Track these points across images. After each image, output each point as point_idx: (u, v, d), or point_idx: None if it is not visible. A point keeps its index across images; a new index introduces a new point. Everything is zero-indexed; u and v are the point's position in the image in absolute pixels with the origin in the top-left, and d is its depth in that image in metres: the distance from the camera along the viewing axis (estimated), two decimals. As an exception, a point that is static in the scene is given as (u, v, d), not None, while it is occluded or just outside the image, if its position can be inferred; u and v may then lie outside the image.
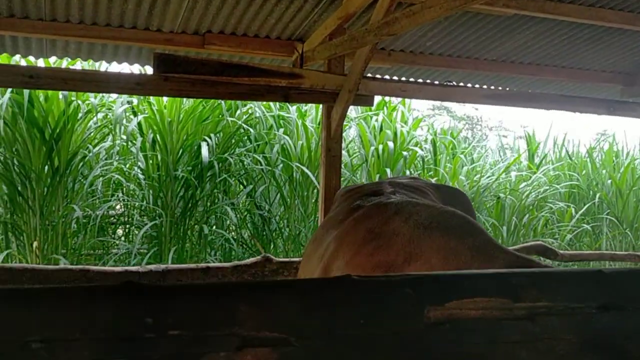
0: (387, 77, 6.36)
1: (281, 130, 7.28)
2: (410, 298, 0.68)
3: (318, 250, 2.59)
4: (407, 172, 7.58)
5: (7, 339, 0.53)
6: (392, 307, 0.67)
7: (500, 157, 10.50)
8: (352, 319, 0.65)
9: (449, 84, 5.49)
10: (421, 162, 8.07)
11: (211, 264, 4.39)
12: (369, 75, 5.55)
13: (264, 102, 7.20)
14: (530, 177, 8.82)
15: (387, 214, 2.31)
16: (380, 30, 3.82)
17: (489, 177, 8.55)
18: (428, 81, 6.34)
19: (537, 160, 9.63)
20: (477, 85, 6.68)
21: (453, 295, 0.70)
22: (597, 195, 9.07)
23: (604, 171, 9.40)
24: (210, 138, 6.69)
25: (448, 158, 8.63)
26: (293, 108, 7.43)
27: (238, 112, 7.18)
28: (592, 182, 9.37)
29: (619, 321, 0.76)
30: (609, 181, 9.22)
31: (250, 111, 7.28)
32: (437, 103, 22.40)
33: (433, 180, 7.34)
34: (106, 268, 4.11)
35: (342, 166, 5.84)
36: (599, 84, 6.66)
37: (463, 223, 2.06)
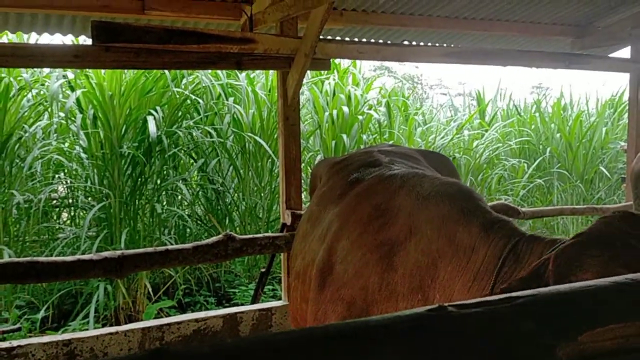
0: (338, 38, 6.14)
1: (231, 99, 6.97)
2: (534, 335, 0.49)
3: (316, 230, 2.42)
4: (363, 137, 7.43)
5: None
6: (515, 350, 0.49)
7: (451, 115, 10.48)
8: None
9: (405, 43, 5.32)
10: (376, 125, 7.94)
11: (170, 247, 4.13)
12: (322, 37, 5.32)
13: (211, 71, 6.85)
14: (483, 135, 8.85)
15: (392, 187, 2.17)
16: (337, -11, 3.59)
17: (443, 137, 8.52)
18: (383, 41, 6.17)
19: (487, 118, 9.67)
20: (429, 44, 6.55)
21: (583, 324, 0.52)
22: (548, 150, 9.20)
23: (552, 125, 9.53)
24: (156, 111, 6.31)
25: (401, 120, 8.53)
26: (242, 75, 7.12)
27: (184, 81, 6.81)
28: (542, 137, 9.49)
29: None
30: (559, 135, 9.36)
31: (197, 80, 6.92)
32: (378, 64, 22.25)
33: (389, 143, 7.23)
34: (57, 259, 3.79)
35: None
36: (550, 37, 6.65)
37: (458, 190, 1.95)
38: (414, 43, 6.55)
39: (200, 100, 6.87)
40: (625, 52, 6.88)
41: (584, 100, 10.42)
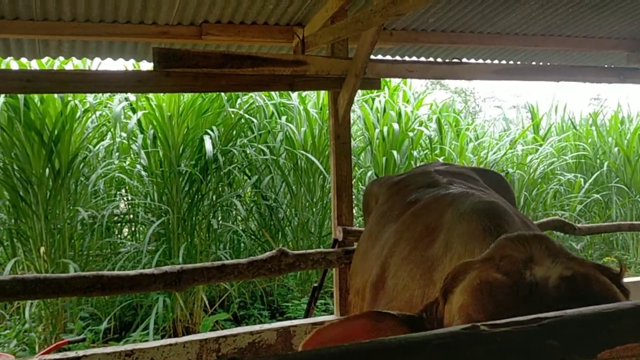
0: (389, 57, 6.22)
1: (283, 117, 7.15)
2: (557, 352, 0.57)
3: (375, 248, 2.51)
4: (414, 153, 7.46)
5: None
6: (538, 363, 0.57)
7: (504, 130, 10.37)
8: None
9: (455, 61, 5.36)
10: (427, 141, 7.96)
11: (226, 262, 4.28)
12: (372, 57, 5.41)
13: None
14: (537, 149, 8.72)
15: (442, 206, 2.23)
16: (386, 11, 3.68)
17: (495, 152, 8.45)
18: (432, 59, 6.21)
19: (541, 132, 9.53)
20: (481, 60, 6.55)
21: (603, 342, 0.59)
22: (605, 164, 8.98)
23: (609, 139, 9.30)
24: (212, 130, 6.56)
25: (453, 135, 8.51)
26: (294, 95, 7.30)
27: (239, 101, 7.05)
28: (599, 151, 9.28)
29: None
30: (616, 149, 9.13)
31: (250, 100, 7.14)
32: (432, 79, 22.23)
33: (441, 160, 7.24)
34: (120, 273, 4.00)
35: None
36: (605, 51, 6.53)
37: (488, 208, 1.98)
38: (464, 60, 6.56)
39: (254, 120, 7.08)
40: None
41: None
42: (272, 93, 7.21)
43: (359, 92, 7.86)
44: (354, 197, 5.21)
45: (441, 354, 0.55)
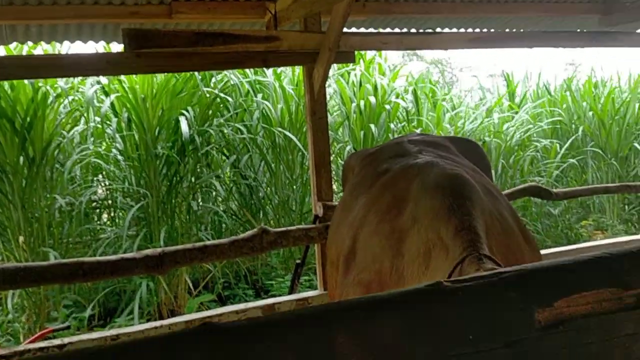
0: (362, 29, 6.19)
1: (259, 95, 7.10)
2: (516, 302, 0.59)
3: (348, 218, 2.54)
4: (391, 126, 7.47)
5: None
6: (499, 315, 0.58)
7: (480, 99, 10.42)
8: (459, 335, 0.56)
9: (428, 31, 5.35)
10: (404, 113, 7.97)
11: (208, 242, 4.27)
12: (346, 30, 5.38)
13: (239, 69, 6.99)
14: (513, 117, 8.79)
15: (410, 177, 2.26)
16: (357, -17, 3.65)
17: (472, 121, 8.50)
18: (406, 30, 6.19)
19: (517, 100, 9.59)
20: (455, 30, 6.54)
21: (559, 291, 0.61)
22: (580, 129, 9.09)
23: (584, 103, 9.40)
24: (187, 111, 6.49)
25: (429, 106, 8.54)
26: (269, 71, 7.24)
27: (213, 80, 6.97)
28: (574, 116, 9.38)
29: None
30: (591, 113, 9.23)
31: (225, 79, 7.07)
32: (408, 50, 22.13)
33: (418, 131, 7.26)
34: (101, 258, 3.97)
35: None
36: (577, 15, 6.57)
37: (452, 184, 2.01)
38: (438, 30, 6.55)
39: (230, 98, 7.02)
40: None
41: (616, 76, 10.23)
42: (247, 71, 7.14)
43: (335, 66, 7.83)
44: (333, 172, 5.21)
45: (406, 307, 0.57)
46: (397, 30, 6.26)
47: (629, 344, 0.62)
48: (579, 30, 6.76)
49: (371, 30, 6.17)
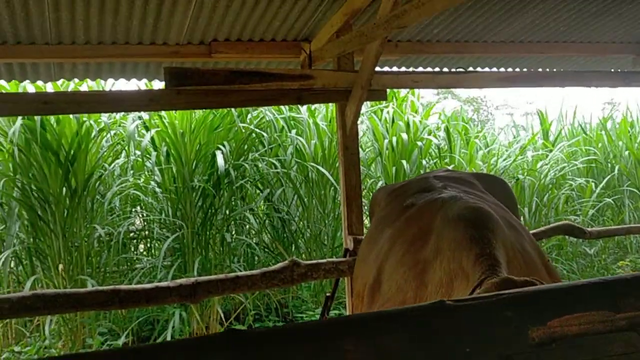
0: (395, 68, 6.32)
1: (293, 131, 7.27)
2: (512, 321, 0.66)
3: (373, 251, 2.60)
4: (423, 162, 7.53)
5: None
6: (495, 332, 0.65)
7: (514, 137, 10.40)
8: (458, 349, 0.63)
9: (459, 70, 5.45)
10: (436, 150, 8.03)
11: (240, 273, 4.37)
12: (379, 69, 5.51)
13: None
14: (547, 155, 8.75)
15: (434, 210, 2.32)
16: (389, 24, 3.77)
17: (505, 159, 8.49)
18: (438, 69, 6.30)
19: (551, 138, 9.55)
20: (486, 69, 6.62)
21: (553, 312, 0.68)
22: (616, 168, 8.98)
23: (620, 143, 9.30)
24: (223, 146, 6.68)
25: (462, 144, 8.57)
26: (303, 108, 7.42)
27: (249, 117, 7.17)
28: (610, 155, 9.28)
29: None
30: (627, 152, 9.12)
31: (260, 115, 7.27)
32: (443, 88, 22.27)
33: (450, 168, 7.30)
34: (136, 286, 4.10)
35: (358, 162, 5.80)
36: (610, 55, 6.58)
37: (473, 216, 2.06)
38: (470, 69, 6.63)
39: (265, 134, 7.20)
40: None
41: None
42: (282, 107, 7.34)
43: (367, 103, 7.97)
44: (364, 207, 5.28)
45: (413, 322, 0.64)
46: (429, 69, 6.37)
47: (619, 363, 0.68)
48: (612, 70, 6.76)
49: (403, 69, 6.29)
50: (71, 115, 6.30)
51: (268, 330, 0.61)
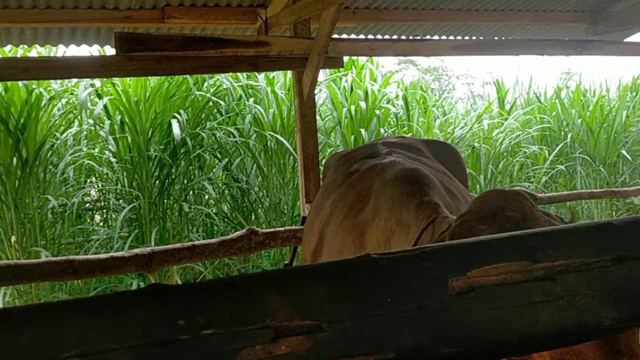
0: (353, 36, 6.30)
1: (251, 99, 7.19)
2: (432, 271, 0.68)
3: (318, 217, 2.63)
4: (382, 131, 7.58)
5: (44, 356, 0.52)
6: (416, 282, 0.67)
7: (471, 106, 10.54)
8: (379, 298, 0.65)
9: (416, 38, 5.47)
10: (394, 119, 8.08)
11: (197, 242, 4.37)
12: (336, 36, 5.48)
13: (231, 73, 7.09)
14: (502, 123, 8.91)
15: (372, 175, 2.35)
16: (344, -10, 3.75)
17: (462, 127, 8.61)
18: (395, 37, 6.30)
19: (507, 107, 9.72)
20: (444, 37, 6.66)
21: (473, 264, 0.70)
22: (569, 136, 9.21)
23: (573, 111, 9.53)
24: (179, 114, 6.58)
25: (420, 112, 8.64)
26: (261, 76, 7.34)
27: (205, 84, 7.06)
28: (563, 123, 9.50)
29: (635, 272, 0.77)
30: (579, 120, 9.36)
31: (218, 83, 7.16)
32: (403, 57, 22.30)
33: (408, 136, 7.36)
34: (91, 256, 4.06)
35: (316, 130, 5.80)
36: (564, 24, 6.70)
37: (410, 175, 2.10)
38: (427, 37, 6.66)
39: (222, 102, 7.11)
40: (641, 36, 6.90)
41: (605, 85, 10.38)
42: (239, 75, 7.24)
43: (327, 72, 7.94)
44: (321, 175, 5.30)
45: (333, 274, 0.65)
46: (387, 37, 6.38)
47: (537, 310, 0.71)
48: (566, 39, 6.89)
49: (361, 37, 6.28)
50: (20, 83, 6.09)
51: (193, 284, 0.61)
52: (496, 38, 6.90)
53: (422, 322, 0.65)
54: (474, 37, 6.80)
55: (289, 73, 7.46)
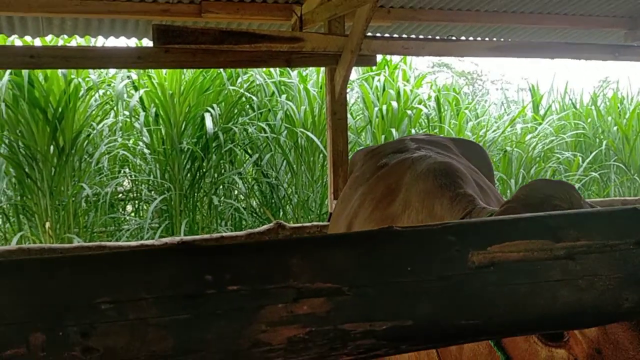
0: (387, 35, 6.29)
1: (283, 96, 7.24)
2: (454, 245, 0.69)
3: (346, 209, 2.63)
4: (412, 131, 7.55)
5: (79, 302, 0.55)
6: (436, 254, 0.69)
7: (505, 110, 10.43)
8: (400, 267, 0.67)
9: (451, 38, 5.44)
10: (426, 120, 8.04)
11: (225, 234, 4.43)
12: (370, 34, 5.49)
13: (265, 69, 7.15)
14: (536, 128, 8.79)
15: (404, 168, 2.34)
16: (380, -12, 3.76)
17: (494, 131, 8.52)
18: (430, 37, 6.28)
19: (541, 112, 9.58)
20: (479, 38, 6.60)
21: (495, 240, 0.71)
22: (604, 143, 9.04)
23: (609, 118, 9.35)
24: (213, 108, 6.67)
25: (452, 114, 8.59)
26: (294, 73, 7.38)
27: (239, 80, 7.14)
28: (598, 130, 9.33)
29: (657, 256, 0.77)
30: (615, 128, 9.18)
31: (251, 79, 7.23)
32: (437, 60, 22.14)
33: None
34: (122, 243, 4.15)
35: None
36: (602, 29, 6.58)
37: (442, 168, 2.07)
38: (462, 38, 6.61)
39: (255, 98, 7.17)
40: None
41: (644, 92, 10.15)
42: (272, 72, 7.30)
43: (359, 71, 7.95)
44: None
45: (356, 243, 0.67)
46: (421, 36, 6.35)
47: (556, 288, 0.72)
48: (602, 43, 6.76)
49: (395, 36, 6.27)
50: (59, 73, 6.25)
51: (221, 245, 0.64)
52: (532, 41, 6.81)
53: (440, 293, 0.67)
54: (509, 40, 6.73)
55: (322, 71, 7.49)
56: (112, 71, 7.17)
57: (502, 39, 6.73)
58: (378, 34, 6.08)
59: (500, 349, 1.29)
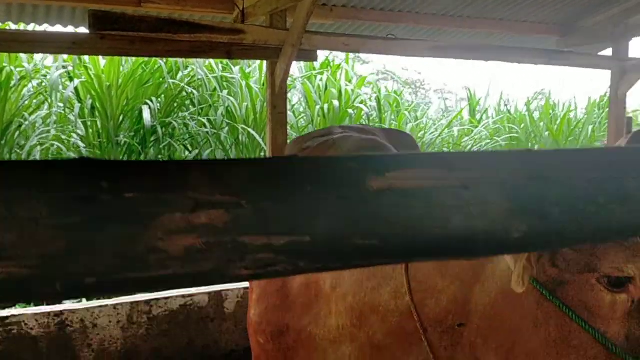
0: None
1: (225, 92, 7.20)
2: (354, 170, 0.72)
3: None
4: (353, 130, 7.65)
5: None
6: (338, 177, 0.71)
7: (443, 114, 10.70)
8: (300, 185, 0.69)
9: (391, 37, 5.55)
10: (366, 119, 8.16)
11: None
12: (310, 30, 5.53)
13: (207, 64, 7.09)
14: (472, 131, 9.06)
15: (324, 149, 2.36)
16: (320, -19, 3.80)
17: (432, 132, 8.74)
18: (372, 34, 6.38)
19: (478, 116, 9.89)
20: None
21: (394, 168, 0.74)
22: (536, 147, 9.41)
23: (541, 124, 9.75)
24: (152, 102, 6.56)
25: (393, 116, 8.75)
26: (236, 69, 7.35)
27: (180, 74, 7.05)
28: (531, 135, 9.71)
29: (543, 189, 0.82)
30: (547, 133, 9.57)
31: (192, 73, 7.16)
32: (382, 68, 22.50)
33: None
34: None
35: (289, 127, 5.85)
36: (536, 35, 6.85)
37: (374, 145, 2.09)
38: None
39: (196, 92, 7.10)
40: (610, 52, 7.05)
41: (574, 101, 10.64)
42: (214, 67, 7.25)
43: (303, 70, 7.99)
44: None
45: (264, 165, 0.69)
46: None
47: (449, 214, 0.75)
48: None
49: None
50: (-10, 60, 6.01)
51: (121, 161, 0.64)
52: (469, 43, 7.02)
53: (338, 211, 0.69)
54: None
55: (265, 68, 7.49)
56: (47, 61, 6.95)
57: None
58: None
59: (556, 299, 1.44)
